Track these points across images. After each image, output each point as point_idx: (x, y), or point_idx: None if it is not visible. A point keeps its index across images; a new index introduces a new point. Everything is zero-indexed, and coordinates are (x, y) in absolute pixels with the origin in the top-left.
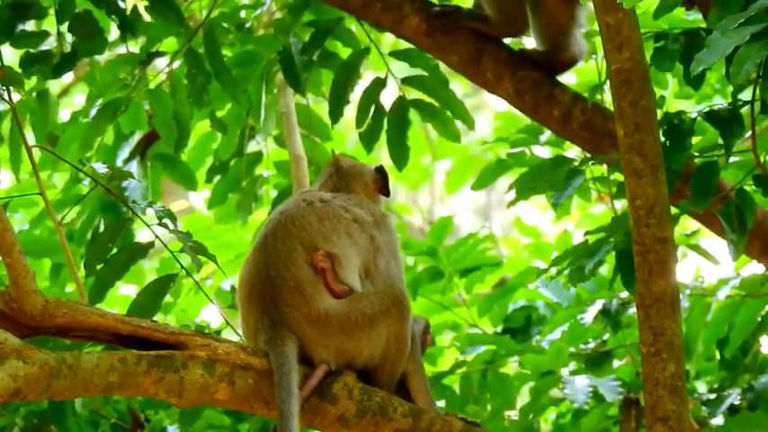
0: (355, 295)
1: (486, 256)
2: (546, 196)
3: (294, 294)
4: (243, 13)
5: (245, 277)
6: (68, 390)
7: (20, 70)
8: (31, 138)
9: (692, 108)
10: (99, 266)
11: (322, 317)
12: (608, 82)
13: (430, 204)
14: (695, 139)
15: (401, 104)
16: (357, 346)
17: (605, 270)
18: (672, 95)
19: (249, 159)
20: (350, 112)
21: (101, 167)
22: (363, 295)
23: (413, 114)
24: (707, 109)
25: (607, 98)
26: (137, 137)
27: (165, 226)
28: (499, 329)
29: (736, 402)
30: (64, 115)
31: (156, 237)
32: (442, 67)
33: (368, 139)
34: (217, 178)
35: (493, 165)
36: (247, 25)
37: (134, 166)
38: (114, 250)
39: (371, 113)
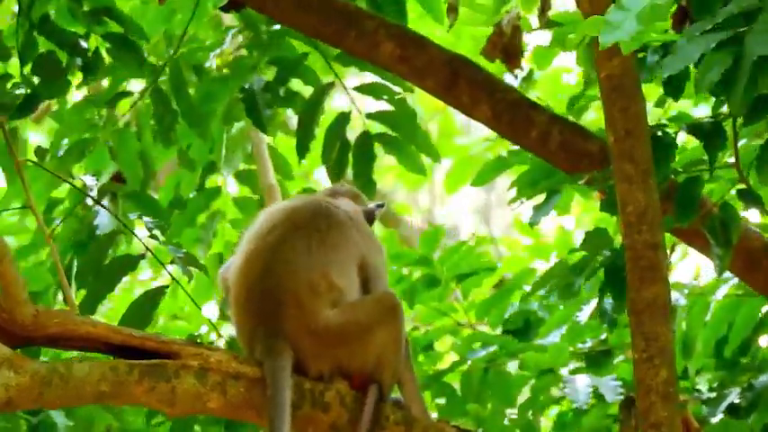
0: (350, 304)
1: (480, 261)
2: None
3: (294, 306)
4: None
5: (241, 280)
6: (60, 399)
7: None
8: None
9: (670, 117)
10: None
11: (321, 329)
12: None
13: (430, 204)
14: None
15: (366, 139)
16: (354, 355)
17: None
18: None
19: (206, 194)
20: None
21: (90, 180)
22: (359, 303)
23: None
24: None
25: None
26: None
27: (156, 237)
28: (498, 332)
29: (736, 401)
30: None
31: (147, 249)
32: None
33: (334, 173)
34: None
35: (493, 162)
36: (207, 64)
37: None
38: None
39: (337, 148)
